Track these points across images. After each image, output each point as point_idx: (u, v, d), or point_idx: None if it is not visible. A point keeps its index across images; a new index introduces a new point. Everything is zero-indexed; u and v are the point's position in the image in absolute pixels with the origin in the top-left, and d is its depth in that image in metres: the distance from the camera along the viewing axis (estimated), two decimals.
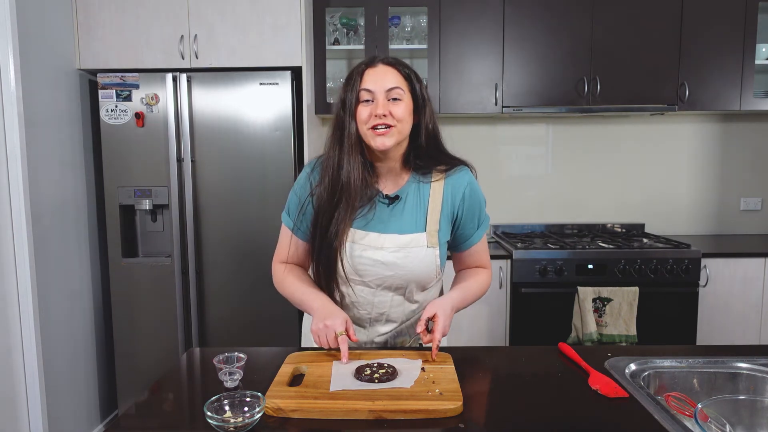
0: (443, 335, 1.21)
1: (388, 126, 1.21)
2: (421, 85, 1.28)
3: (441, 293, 1.49)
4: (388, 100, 1.22)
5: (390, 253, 1.27)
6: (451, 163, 1.33)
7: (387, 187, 1.32)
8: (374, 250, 1.27)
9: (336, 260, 1.28)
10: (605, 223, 3.18)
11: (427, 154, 1.30)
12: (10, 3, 2.04)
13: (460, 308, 1.31)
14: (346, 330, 1.21)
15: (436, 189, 1.30)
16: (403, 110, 1.23)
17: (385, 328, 1.37)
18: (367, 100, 1.23)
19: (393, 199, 1.30)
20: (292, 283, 1.35)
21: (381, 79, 1.23)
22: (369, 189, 1.28)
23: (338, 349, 1.19)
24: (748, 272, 2.62)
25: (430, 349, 1.32)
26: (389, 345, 1.39)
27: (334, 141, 1.28)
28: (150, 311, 2.57)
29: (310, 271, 1.42)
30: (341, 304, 1.35)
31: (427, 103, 1.29)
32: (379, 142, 1.22)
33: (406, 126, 1.25)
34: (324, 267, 1.30)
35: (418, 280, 1.31)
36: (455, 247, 1.39)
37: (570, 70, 2.77)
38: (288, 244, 1.38)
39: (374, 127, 1.22)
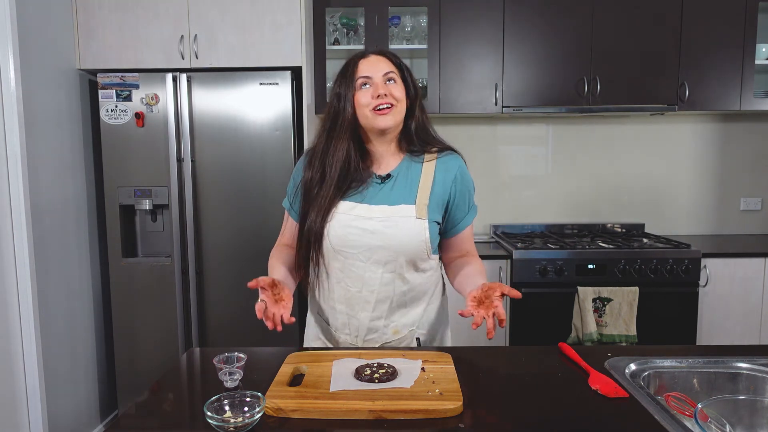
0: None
1: (390, 105, 1.29)
2: (411, 75, 1.37)
3: (443, 285, 1.49)
4: (385, 83, 1.30)
5: (379, 222, 1.31)
6: (442, 146, 1.40)
7: (381, 169, 1.37)
8: (363, 220, 1.31)
9: (323, 231, 1.31)
10: (605, 223, 3.18)
11: (418, 138, 1.38)
12: (10, 3, 2.04)
13: None
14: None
15: (428, 168, 1.36)
16: (399, 91, 1.31)
17: (376, 313, 1.36)
18: (365, 85, 1.30)
19: (385, 178, 1.35)
20: (271, 258, 1.41)
21: (376, 66, 1.31)
22: (361, 172, 1.34)
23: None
24: (748, 272, 2.62)
25: (429, 349, 1.33)
26: (386, 340, 1.38)
27: (324, 129, 1.36)
28: (150, 311, 2.57)
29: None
30: (330, 280, 1.37)
31: (417, 90, 1.37)
32: (381, 121, 1.29)
33: (403, 107, 1.33)
34: (312, 239, 1.33)
35: (407, 253, 1.32)
36: (446, 232, 1.41)
37: (570, 70, 2.77)
38: (286, 226, 1.48)
39: (376, 108, 1.28)
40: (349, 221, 1.31)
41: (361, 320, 1.37)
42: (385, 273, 1.33)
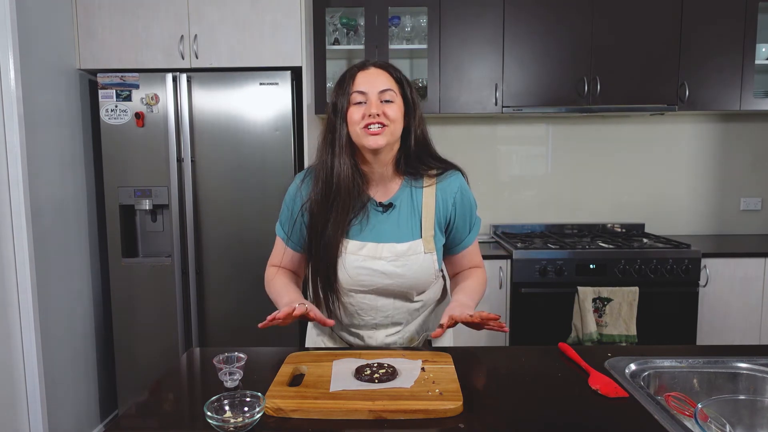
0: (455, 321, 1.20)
1: (382, 125, 1.22)
2: (411, 90, 1.29)
3: (444, 290, 1.49)
4: (381, 102, 1.23)
5: (389, 262, 1.28)
6: (441, 167, 1.33)
7: (379, 194, 1.32)
8: (373, 260, 1.28)
9: (335, 273, 1.29)
10: (605, 223, 3.18)
11: (417, 158, 1.31)
12: (10, 3, 2.04)
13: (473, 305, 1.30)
14: (306, 313, 1.19)
15: (428, 194, 1.31)
16: (395, 111, 1.24)
17: (391, 330, 1.37)
18: (360, 102, 1.23)
19: (387, 207, 1.31)
20: (276, 284, 1.36)
21: (373, 81, 1.24)
22: (361, 195, 1.28)
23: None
24: (748, 272, 2.62)
25: (429, 349, 1.33)
26: (399, 346, 1.38)
27: (326, 145, 1.28)
28: (150, 311, 2.57)
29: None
30: (344, 312, 1.35)
31: (417, 107, 1.30)
32: (371, 140, 1.22)
33: (398, 127, 1.25)
34: (323, 279, 1.30)
35: (418, 286, 1.33)
36: (448, 249, 1.40)
37: (570, 70, 2.77)
38: (281, 253, 1.40)
39: (367, 126, 1.21)
40: (359, 262, 1.28)
41: (377, 338, 1.37)
42: (397, 300, 1.34)
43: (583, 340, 2.50)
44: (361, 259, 1.28)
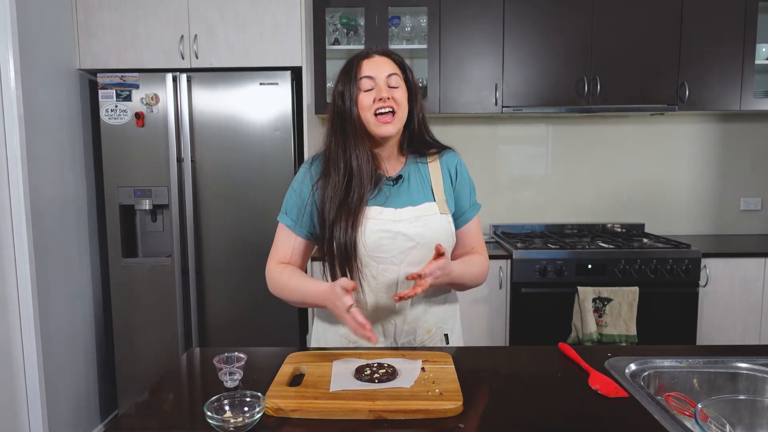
0: (431, 276, 1.21)
1: (393, 112, 1.28)
2: (412, 75, 1.36)
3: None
4: (389, 87, 1.29)
5: (409, 224, 1.30)
6: (440, 147, 1.43)
7: (388, 171, 1.38)
8: (393, 223, 1.30)
9: (356, 240, 1.27)
10: (605, 223, 3.18)
11: (419, 139, 1.39)
12: (10, 3, 2.04)
13: (457, 279, 1.30)
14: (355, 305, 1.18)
15: (434, 166, 1.39)
16: (402, 95, 1.31)
17: (411, 314, 1.35)
18: (369, 89, 1.29)
19: (397, 179, 1.36)
20: (290, 278, 1.32)
21: (380, 67, 1.30)
22: (375, 174, 1.33)
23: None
24: (748, 272, 2.62)
25: (432, 349, 1.33)
26: (420, 340, 1.37)
27: (336, 132, 1.32)
28: (150, 311, 2.57)
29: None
30: (362, 290, 1.32)
31: (418, 91, 1.37)
32: (383, 129, 1.29)
33: (405, 112, 1.33)
34: (343, 252, 1.27)
35: None
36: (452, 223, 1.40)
37: (570, 70, 2.77)
38: (288, 244, 1.37)
39: (377, 114, 1.28)
40: (380, 226, 1.29)
41: (398, 325, 1.35)
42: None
43: (583, 340, 2.50)
44: (382, 222, 1.29)
